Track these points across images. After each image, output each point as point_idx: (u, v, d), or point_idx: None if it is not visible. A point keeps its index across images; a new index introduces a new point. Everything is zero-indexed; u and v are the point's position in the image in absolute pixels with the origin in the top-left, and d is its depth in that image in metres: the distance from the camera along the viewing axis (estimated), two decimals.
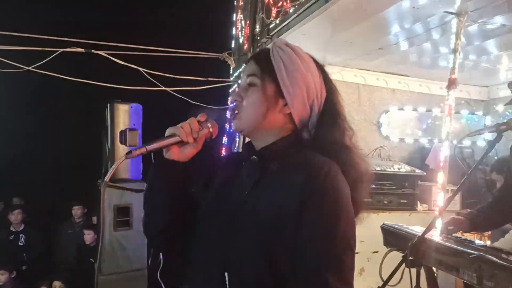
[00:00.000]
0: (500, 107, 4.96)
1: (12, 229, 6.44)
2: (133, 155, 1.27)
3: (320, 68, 1.40)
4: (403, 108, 5.05)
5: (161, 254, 4.92)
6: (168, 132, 1.33)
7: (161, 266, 4.82)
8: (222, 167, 1.52)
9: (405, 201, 4.16)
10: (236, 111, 1.37)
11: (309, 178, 1.22)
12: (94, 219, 6.29)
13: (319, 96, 1.36)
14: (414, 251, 2.20)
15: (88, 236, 5.89)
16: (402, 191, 4.17)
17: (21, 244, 6.46)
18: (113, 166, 1.32)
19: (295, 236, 1.20)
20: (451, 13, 2.89)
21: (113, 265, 4.50)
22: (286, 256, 1.21)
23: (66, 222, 6.71)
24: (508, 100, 3.41)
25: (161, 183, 1.37)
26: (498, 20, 3.20)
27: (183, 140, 1.33)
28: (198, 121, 1.36)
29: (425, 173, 4.27)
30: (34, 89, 6.63)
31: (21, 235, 6.44)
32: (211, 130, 1.38)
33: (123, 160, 1.29)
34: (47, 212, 7.75)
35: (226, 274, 1.25)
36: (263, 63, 1.36)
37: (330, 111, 1.37)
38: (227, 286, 1.25)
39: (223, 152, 5.40)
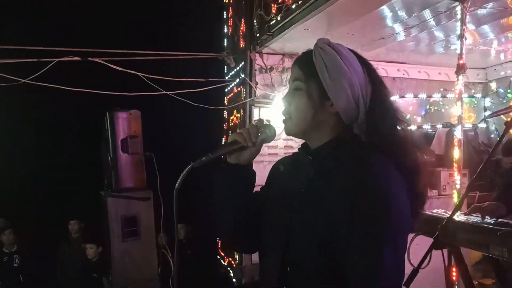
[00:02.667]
0: (500, 89, 5.03)
1: (5, 250, 6.23)
2: (199, 163, 1.36)
3: (364, 62, 1.41)
4: (404, 95, 5.08)
5: (171, 262, 4.88)
6: (230, 138, 1.45)
7: (172, 273, 4.75)
8: (281, 168, 1.58)
9: None
10: (287, 116, 1.44)
11: (359, 181, 1.25)
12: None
13: (363, 92, 1.37)
14: (444, 232, 2.23)
15: (91, 250, 5.73)
16: None
17: (16, 265, 6.25)
18: (183, 174, 1.36)
19: (347, 236, 1.23)
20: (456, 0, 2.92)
21: (124, 276, 4.42)
22: (340, 253, 1.24)
23: (64, 239, 6.48)
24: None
25: (230, 184, 1.47)
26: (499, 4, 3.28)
27: (243, 145, 1.43)
28: (257, 127, 1.46)
29: (433, 159, 4.30)
30: (29, 102, 6.48)
31: (15, 256, 6.21)
32: (268, 134, 1.47)
33: (190, 168, 1.36)
34: (42, 230, 7.55)
35: (288, 268, 1.34)
36: (306, 66, 1.40)
37: (377, 105, 1.38)
38: (288, 277, 1.34)
39: None
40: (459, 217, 2.53)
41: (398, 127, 1.38)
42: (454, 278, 2.48)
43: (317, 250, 1.28)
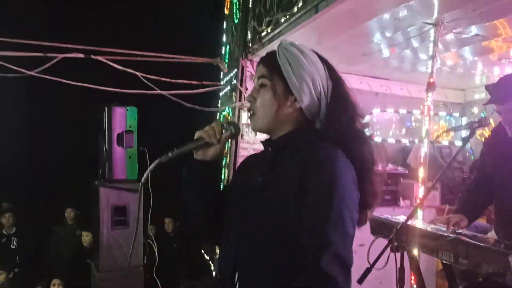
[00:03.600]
0: (475, 109, 5.30)
1: (4, 232, 6.48)
2: (165, 159, 1.42)
3: (324, 61, 1.49)
4: (385, 110, 5.34)
5: (156, 252, 5.11)
6: (196, 135, 1.49)
7: (156, 263, 4.98)
8: (247, 163, 1.67)
9: (389, 197, 4.45)
10: (251, 112, 1.50)
11: (309, 163, 1.33)
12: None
13: (325, 87, 1.45)
14: (398, 236, 2.42)
15: (87, 238, 5.94)
16: (386, 188, 4.45)
17: (13, 247, 6.48)
18: (148, 168, 1.42)
19: (298, 214, 1.29)
20: (429, 23, 3.17)
21: (111, 262, 4.60)
22: (292, 234, 1.29)
23: (59, 224, 6.75)
24: (485, 101, 3.71)
25: (194, 179, 1.54)
26: (473, 30, 3.49)
27: (208, 142, 1.48)
28: (222, 124, 1.51)
29: (407, 171, 4.56)
30: (34, 93, 6.76)
31: (13, 238, 6.46)
32: (233, 131, 1.52)
33: (158, 163, 1.42)
34: (39, 215, 7.79)
35: (237, 250, 1.41)
36: (271, 64, 1.47)
37: (337, 99, 1.45)
38: (238, 259, 1.40)
39: None
40: (414, 223, 2.74)
41: (355, 124, 1.44)
42: (406, 280, 2.69)
43: (269, 237, 1.33)
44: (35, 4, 7.77)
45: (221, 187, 1.65)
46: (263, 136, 1.57)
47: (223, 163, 4.99)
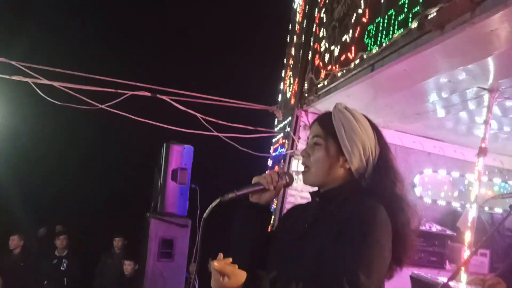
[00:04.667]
0: None
1: (56, 253, 6.79)
2: (226, 198, 1.57)
3: (374, 128, 1.65)
4: (437, 171, 5.30)
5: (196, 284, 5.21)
6: (254, 180, 1.66)
7: None
8: (294, 211, 1.81)
9: (435, 258, 4.36)
10: (305, 166, 1.65)
11: (354, 211, 1.46)
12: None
13: (373, 152, 1.60)
14: None
15: (129, 267, 6.15)
16: (432, 249, 4.38)
17: (63, 268, 6.73)
18: (211, 206, 1.56)
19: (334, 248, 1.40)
20: (484, 88, 3.21)
21: None
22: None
23: (107, 252, 7.00)
24: None
25: (247, 220, 1.69)
26: None
27: (265, 188, 1.65)
28: (278, 173, 1.68)
29: (455, 234, 4.47)
30: (101, 125, 7.25)
31: (63, 260, 6.74)
32: (287, 181, 1.70)
33: (218, 202, 1.56)
34: (89, 241, 8.10)
35: None
36: (326, 125, 1.63)
37: (382, 164, 1.60)
38: None
39: None
40: (457, 286, 2.74)
41: (397, 187, 1.58)
42: None
43: (310, 280, 1.40)
44: (109, 42, 8.43)
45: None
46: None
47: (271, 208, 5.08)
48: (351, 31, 3.88)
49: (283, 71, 6.36)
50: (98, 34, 8.35)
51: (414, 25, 2.81)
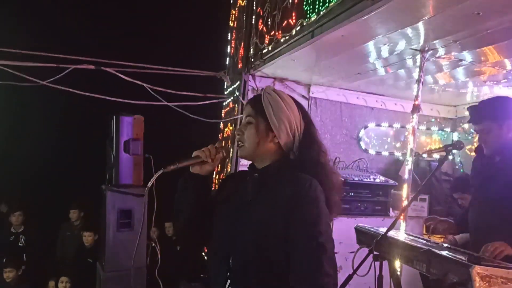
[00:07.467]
0: (465, 125, 5.54)
1: (12, 230, 6.68)
2: (168, 170, 1.76)
3: (299, 106, 1.87)
4: (380, 124, 5.58)
5: (158, 254, 5.34)
6: (194, 154, 1.85)
7: (158, 265, 5.20)
8: (231, 180, 2.02)
9: (379, 207, 4.69)
10: (240, 142, 1.85)
11: (296, 191, 1.66)
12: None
13: (299, 127, 1.82)
14: (378, 246, 2.66)
15: (89, 238, 6.18)
16: (377, 199, 4.71)
17: (21, 245, 6.67)
18: (153, 177, 1.76)
19: (286, 234, 1.62)
20: (416, 50, 3.41)
21: (115, 263, 4.83)
22: (277, 249, 1.63)
23: (65, 224, 6.94)
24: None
25: (189, 188, 1.87)
26: (458, 56, 3.72)
27: (203, 160, 1.84)
28: (216, 147, 1.87)
29: (397, 184, 4.80)
30: (47, 101, 7.05)
31: (21, 236, 6.65)
32: (224, 154, 1.90)
33: (161, 173, 1.75)
34: (46, 215, 8.02)
35: (230, 259, 1.71)
36: (257, 106, 1.82)
37: (307, 138, 1.83)
38: (231, 268, 1.70)
39: None
40: (396, 234, 2.95)
41: (321, 156, 1.81)
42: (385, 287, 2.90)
43: (258, 252, 1.63)
44: (48, 17, 8.07)
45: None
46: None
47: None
48: None
49: (229, 34, 6.35)
50: (35, 8, 7.95)
51: None
